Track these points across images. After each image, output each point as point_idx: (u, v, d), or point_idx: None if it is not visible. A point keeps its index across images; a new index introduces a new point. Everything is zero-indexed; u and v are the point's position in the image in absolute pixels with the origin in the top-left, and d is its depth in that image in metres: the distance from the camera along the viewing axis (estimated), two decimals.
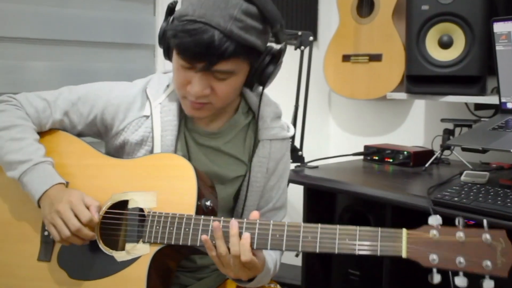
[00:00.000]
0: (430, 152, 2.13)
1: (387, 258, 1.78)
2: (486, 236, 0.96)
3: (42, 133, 1.35)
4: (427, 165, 2.03)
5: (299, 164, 2.12)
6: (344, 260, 2.08)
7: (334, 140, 2.88)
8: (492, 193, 1.53)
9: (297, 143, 2.12)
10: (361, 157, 2.24)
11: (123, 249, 1.20)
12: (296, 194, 2.11)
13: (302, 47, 2.07)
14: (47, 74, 1.95)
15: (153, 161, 1.25)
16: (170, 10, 1.25)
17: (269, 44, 1.25)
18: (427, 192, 1.64)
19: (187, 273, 1.41)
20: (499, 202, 1.46)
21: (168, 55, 1.27)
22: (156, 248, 1.17)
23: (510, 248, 0.95)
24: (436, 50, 2.09)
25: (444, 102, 2.25)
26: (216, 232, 1.11)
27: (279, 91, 2.54)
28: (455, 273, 0.97)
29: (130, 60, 2.10)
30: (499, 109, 1.83)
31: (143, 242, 1.18)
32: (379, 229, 1.02)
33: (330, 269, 2.14)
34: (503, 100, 1.81)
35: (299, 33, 2.06)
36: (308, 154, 2.17)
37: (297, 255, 2.39)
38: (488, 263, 0.95)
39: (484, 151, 1.86)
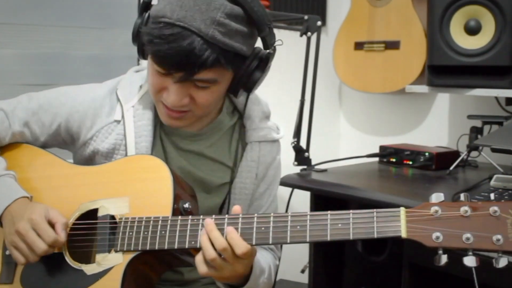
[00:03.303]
0: (455, 153, 2.12)
1: (406, 273, 1.76)
2: (494, 208, 0.96)
3: (2, 148, 1.36)
4: (451, 168, 2.03)
5: (305, 167, 2.11)
6: (357, 276, 2.07)
7: (345, 140, 2.88)
8: None
9: (303, 143, 2.11)
10: (376, 159, 2.24)
11: (94, 261, 1.20)
12: (302, 201, 2.10)
13: (309, 33, 2.06)
14: (18, 63, 1.95)
15: (124, 165, 1.27)
16: (146, 4, 1.24)
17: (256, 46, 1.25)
18: (451, 199, 1.61)
19: (175, 287, 1.41)
20: None
21: (143, 55, 1.26)
22: (130, 256, 1.17)
23: None
24: (462, 37, 2.08)
25: (471, 96, 2.24)
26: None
27: (283, 83, 2.55)
28: (463, 253, 0.97)
29: (109, 46, 2.11)
30: None
31: (115, 251, 1.18)
32: (375, 210, 1.04)
33: (340, 286, 2.13)
34: None
35: (306, 17, 2.06)
36: (315, 155, 2.16)
37: (303, 271, 2.38)
38: (499, 237, 0.94)
39: None
